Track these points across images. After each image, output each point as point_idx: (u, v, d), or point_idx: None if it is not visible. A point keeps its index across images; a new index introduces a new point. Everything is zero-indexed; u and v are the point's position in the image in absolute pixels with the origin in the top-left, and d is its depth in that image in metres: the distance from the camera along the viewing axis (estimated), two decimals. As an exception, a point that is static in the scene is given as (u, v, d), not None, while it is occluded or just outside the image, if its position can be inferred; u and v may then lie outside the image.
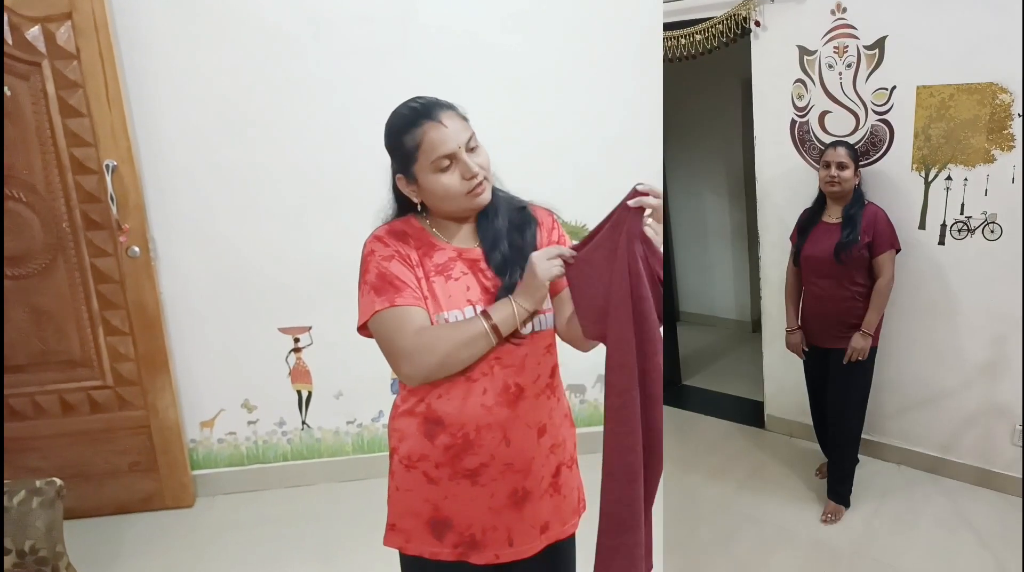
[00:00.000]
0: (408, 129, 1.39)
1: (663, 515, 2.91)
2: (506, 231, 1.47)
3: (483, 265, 1.46)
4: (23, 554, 2.01)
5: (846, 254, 2.72)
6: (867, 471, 3.13)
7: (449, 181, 1.38)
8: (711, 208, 5.13)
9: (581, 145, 3.15)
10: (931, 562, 2.61)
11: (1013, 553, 2.59)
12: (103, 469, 3.11)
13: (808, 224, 2.89)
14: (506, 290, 1.41)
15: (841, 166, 2.74)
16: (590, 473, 3.13)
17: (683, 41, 3.28)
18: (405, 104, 1.43)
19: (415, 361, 1.37)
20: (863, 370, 2.83)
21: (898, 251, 2.76)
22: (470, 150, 1.39)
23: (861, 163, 2.87)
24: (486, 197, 1.42)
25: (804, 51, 3.07)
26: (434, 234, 1.48)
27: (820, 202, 2.89)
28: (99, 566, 2.73)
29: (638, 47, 3.15)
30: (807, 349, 2.97)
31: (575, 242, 1.46)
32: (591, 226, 3.48)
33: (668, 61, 3.36)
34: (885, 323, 2.84)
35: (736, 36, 3.17)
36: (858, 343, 2.75)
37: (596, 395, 3.41)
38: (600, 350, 1.42)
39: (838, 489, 2.92)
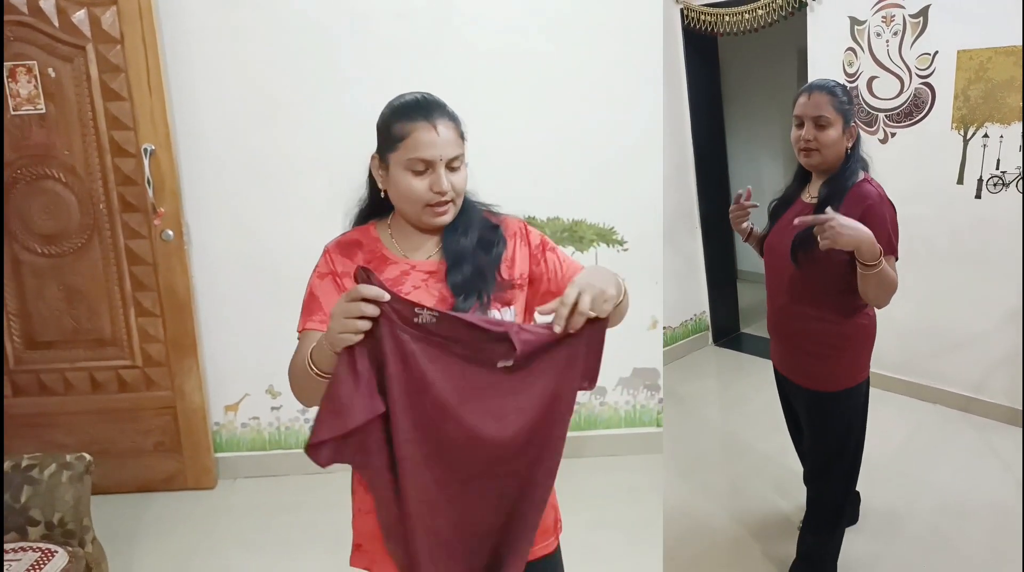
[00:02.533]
0: (402, 118, 1.34)
1: (720, 437, 3.38)
2: (471, 251, 1.37)
3: (442, 276, 1.39)
4: (51, 526, 2.06)
5: (806, 254, 1.86)
6: (902, 407, 3.43)
7: (417, 185, 1.33)
8: (769, 173, 5.33)
9: (603, 147, 3.14)
10: (959, 478, 2.87)
11: None
12: (127, 447, 3.16)
13: (780, 206, 2.10)
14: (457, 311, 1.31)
15: (820, 123, 1.87)
16: (607, 475, 3.14)
17: (747, 16, 3.62)
18: (412, 93, 1.38)
19: (291, 388, 1.36)
20: (843, 408, 2.04)
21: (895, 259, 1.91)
22: (451, 168, 1.33)
23: (904, 124, 2.79)
24: (446, 219, 1.36)
25: (855, 21, 3.32)
26: (389, 246, 1.43)
27: (801, 173, 2.09)
28: (119, 542, 2.77)
29: (658, 55, 3.16)
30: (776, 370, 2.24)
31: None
32: (618, 228, 3.44)
33: (733, 35, 3.71)
34: (921, 272, 2.76)
35: (794, 9, 3.47)
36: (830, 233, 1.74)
37: (616, 397, 3.41)
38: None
39: (810, 554, 2.24)
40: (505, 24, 3.00)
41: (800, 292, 1.96)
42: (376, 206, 1.48)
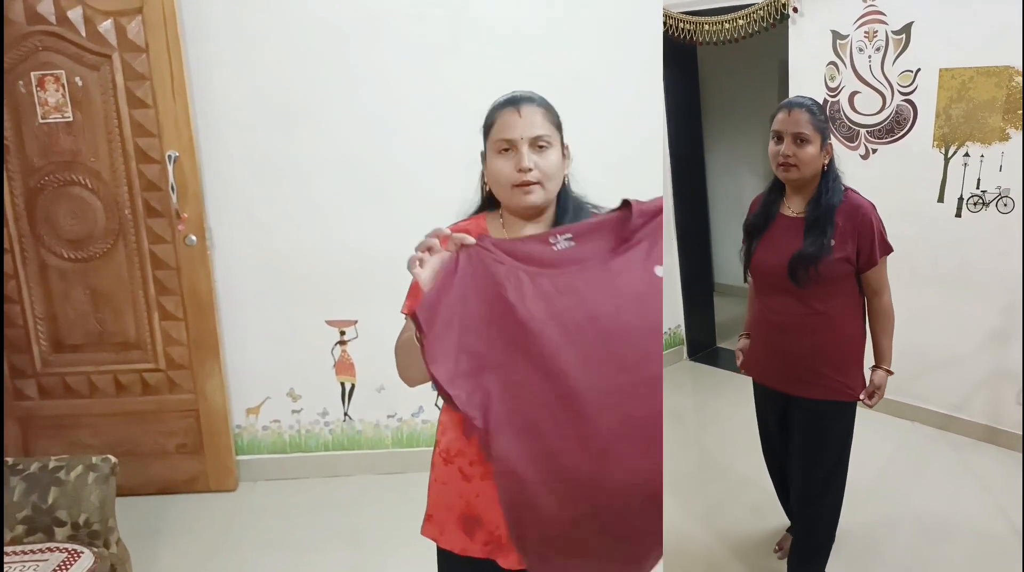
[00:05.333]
0: (494, 111, 1.46)
1: (695, 457, 3.30)
2: None
3: None
4: (77, 527, 2.10)
5: (805, 272, 1.93)
6: (882, 426, 3.38)
7: (502, 165, 1.42)
8: (748, 186, 5.29)
9: (614, 146, 3.11)
10: (938, 501, 2.85)
11: (1012, 498, 2.81)
12: (151, 449, 3.20)
13: (761, 220, 2.09)
14: None
15: (800, 139, 1.91)
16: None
17: (727, 26, 3.55)
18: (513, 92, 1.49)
19: (396, 366, 1.50)
20: (840, 424, 2.09)
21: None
22: (537, 147, 1.42)
23: (886, 140, 2.81)
24: (535, 198, 1.43)
25: (837, 35, 3.30)
26: (497, 237, 1.47)
27: (777, 187, 2.09)
28: (142, 543, 2.80)
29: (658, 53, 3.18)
30: (760, 387, 2.27)
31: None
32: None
33: (712, 44, 3.65)
34: (901, 291, 2.74)
35: (775, 21, 3.42)
36: (882, 381, 2.08)
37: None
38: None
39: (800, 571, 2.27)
40: (517, 24, 3.01)
41: (803, 303, 1.98)
42: (489, 200, 1.56)
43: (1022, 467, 2.97)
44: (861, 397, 2.06)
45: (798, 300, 1.99)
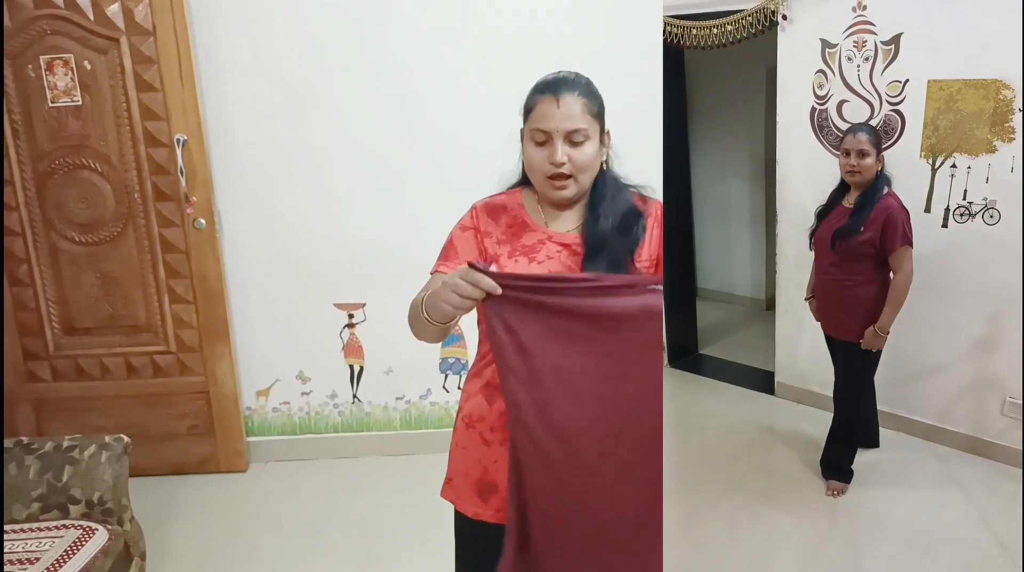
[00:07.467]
0: (535, 92, 1.43)
1: (675, 466, 3.25)
2: (610, 236, 1.43)
3: (577, 249, 1.45)
4: (91, 504, 2.13)
5: (842, 243, 2.75)
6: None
7: (536, 154, 1.40)
8: (733, 190, 5.25)
9: (621, 126, 3.12)
10: (922, 513, 2.89)
11: (996, 509, 2.85)
12: (162, 431, 3.24)
13: (827, 207, 2.92)
14: None
15: (861, 154, 2.72)
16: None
17: (715, 31, 3.53)
18: (562, 71, 1.45)
19: (408, 321, 1.46)
20: (858, 357, 2.88)
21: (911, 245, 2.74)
22: (573, 143, 1.38)
23: None
24: (567, 193, 1.42)
25: (826, 44, 3.31)
26: (533, 214, 1.50)
27: (844, 186, 2.89)
28: (154, 523, 2.84)
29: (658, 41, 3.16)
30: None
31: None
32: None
33: (700, 49, 3.63)
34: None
35: (764, 28, 3.41)
36: (869, 340, 2.79)
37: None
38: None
39: (831, 461, 3.06)
40: (526, 9, 3.00)
41: (839, 269, 2.83)
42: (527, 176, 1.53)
43: (1022, 483, 2.97)
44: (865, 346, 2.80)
45: (836, 267, 2.82)
